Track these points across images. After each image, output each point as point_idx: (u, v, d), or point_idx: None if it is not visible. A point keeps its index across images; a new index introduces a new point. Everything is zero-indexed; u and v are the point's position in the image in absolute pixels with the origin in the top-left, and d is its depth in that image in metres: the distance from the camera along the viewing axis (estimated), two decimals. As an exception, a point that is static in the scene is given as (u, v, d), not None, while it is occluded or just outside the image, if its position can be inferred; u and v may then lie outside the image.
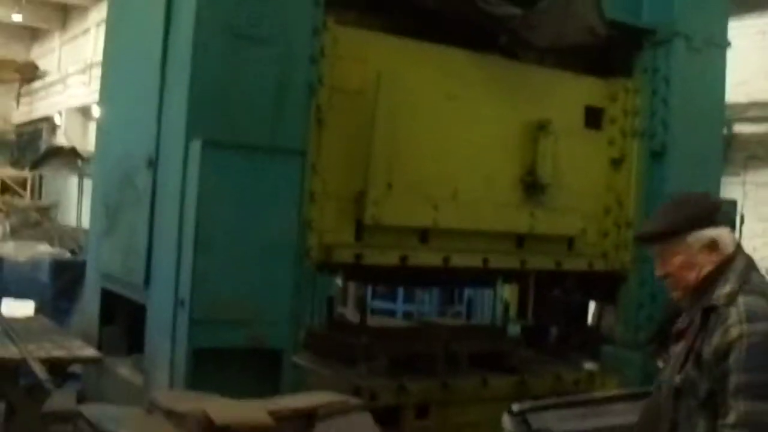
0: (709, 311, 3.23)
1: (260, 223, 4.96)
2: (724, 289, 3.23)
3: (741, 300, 3.17)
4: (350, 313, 8.27)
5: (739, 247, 3.37)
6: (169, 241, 5.09)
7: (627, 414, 4.79)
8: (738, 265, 3.30)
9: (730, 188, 12.89)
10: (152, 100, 5.43)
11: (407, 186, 6.11)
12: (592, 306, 8.18)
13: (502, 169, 6.68)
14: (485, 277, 7.36)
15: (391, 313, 10.50)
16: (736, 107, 12.47)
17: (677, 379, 3.27)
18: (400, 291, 11.73)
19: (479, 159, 6.54)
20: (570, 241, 7.04)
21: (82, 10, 32.76)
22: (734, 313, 3.14)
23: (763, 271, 9.05)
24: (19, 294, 7.51)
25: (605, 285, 7.41)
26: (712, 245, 3.31)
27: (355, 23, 6.10)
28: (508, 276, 7.45)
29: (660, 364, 6.65)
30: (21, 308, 6.62)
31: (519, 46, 6.66)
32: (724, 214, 6.65)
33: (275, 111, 5.14)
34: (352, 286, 10.55)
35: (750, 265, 3.35)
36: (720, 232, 3.34)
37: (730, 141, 12.86)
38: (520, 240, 6.76)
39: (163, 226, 5.26)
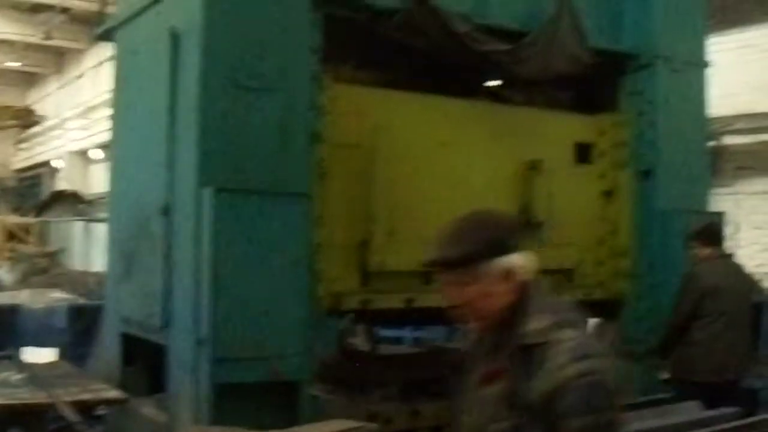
0: (525, 349, 2.82)
1: (272, 262, 5.24)
2: (535, 323, 2.86)
3: (561, 336, 2.80)
4: (361, 343, 8.49)
5: (535, 273, 3.01)
6: (186, 284, 5.35)
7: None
8: (539, 294, 2.97)
9: (723, 199, 13.20)
10: (162, 150, 5.69)
11: (408, 231, 6.29)
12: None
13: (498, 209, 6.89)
14: None
15: (400, 341, 10.67)
16: (724, 120, 12.78)
17: (499, 427, 2.85)
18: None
19: (476, 201, 6.61)
20: (568, 274, 7.27)
21: (78, 53, 33.03)
22: (558, 352, 2.76)
23: (759, 277, 9.34)
24: (37, 341, 7.72)
25: (606, 305, 7.57)
26: (511, 273, 2.95)
27: (351, 79, 6.36)
28: None
29: (664, 375, 6.98)
30: (44, 355, 6.85)
31: (507, 78, 6.95)
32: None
33: (280, 156, 5.42)
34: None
35: (549, 291, 3.03)
36: (519, 259, 2.98)
37: (720, 153, 13.16)
38: None
39: (179, 270, 5.50)
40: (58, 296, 11.62)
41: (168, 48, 5.63)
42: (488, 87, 7.31)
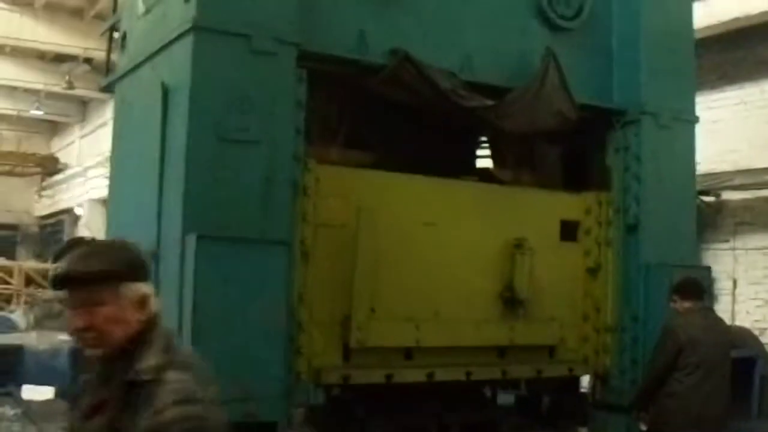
0: (136, 385, 2.73)
1: (252, 307, 5.46)
2: (151, 359, 2.77)
3: (172, 376, 2.73)
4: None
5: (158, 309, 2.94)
6: (170, 326, 5.56)
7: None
8: (162, 331, 2.89)
9: (721, 254, 13.37)
10: (153, 199, 5.96)
11: (390, 309, 6.51)
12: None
13: (481, 287, 7.06)
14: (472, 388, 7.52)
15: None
16: (723, 176, 12.98)
17: None
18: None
19: (459, 279, 6.93)
20: (551, 349, 7.42)
21: (100, 103, 33.58)
22: (165, 393, 2.68)
23: (756, 332, 9.50)
24: (39, 381, 7.98)
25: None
26: (143, 301, 2.85)
27: (336, 160, 6.59)
28: (497, 385, 7.76)
29: (642, 426, 7.12)
30: (41, 392, 7.09)
31: (493, 130, 7.17)
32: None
33: (262, 206, 5.67)
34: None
35: (170, 331, 2.99)
36: (150, 289, 2.90)
37: (720, 208, 13.35)
38: (502, 351, 7.12)
39: (166, 312, 5.70)
40: (63, 338, 11.85)
41: (159, 101, 5.92)
42: (475, 167, 7.57)
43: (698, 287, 7.14)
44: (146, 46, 6.46)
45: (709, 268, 8.22)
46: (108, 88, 7.70)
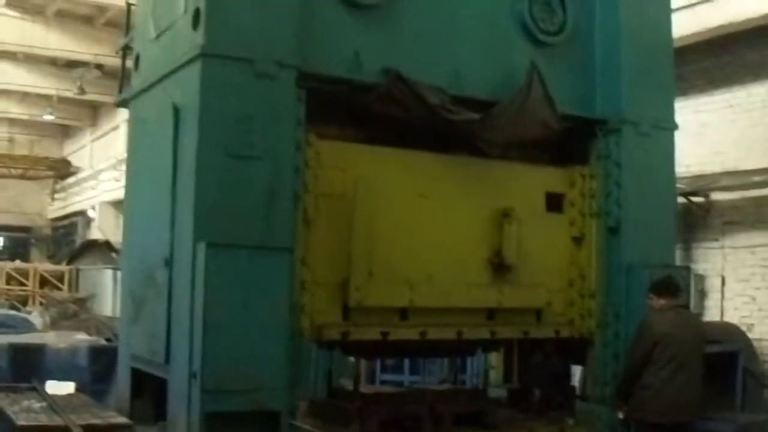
0: None
1: (257, 308, 6.02)
2: None
3: None
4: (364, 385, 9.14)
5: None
6: (183, 326, 6.13)
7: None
8: None
9: (711, 252, 13.83)
10: (166, 209, 6.52)
11: (386, 272, 7.06)
12: (576, 369, 9.04)
13: (471, 253, 7.59)
14: (462, 348, 8.22)
15: (399, 385, 11.34)
16: (712, 177, 13.44)
17: None
18: (407, 365, 12.69)
19: (450, 246, 7.47)
20: (538, 313, 7.91)
21: (111, 107, 33.93)
22: None
23: (744, 328, 9.99)
24: (60, 377, 8.53)
25: (578, 349, 8.25)
26: None
27: (335, 136, 7.12)
28: (486, 345, 8.29)
29: (620, 415, 7.63)
30: (63, 387, 7.66)
31: (480, 145, 7.67)
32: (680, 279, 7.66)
33: (266, 215, 6.23)
34: (363, 363, 11.52)
35: None
36: None
37: (709, 208, 13.79)
38: (491, 313, 7.64)
39: (178, 314, 6.29)
40: (81, 338, 12.46)
41: (171, 120, 6.49)
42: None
43: (672, 286, 7.60)
44: (158, 68, 7.02)
45: (688, 268, 8.68)
46: (122, 104, 8.21)
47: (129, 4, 8.68)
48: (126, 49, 8.47)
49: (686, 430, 7.59)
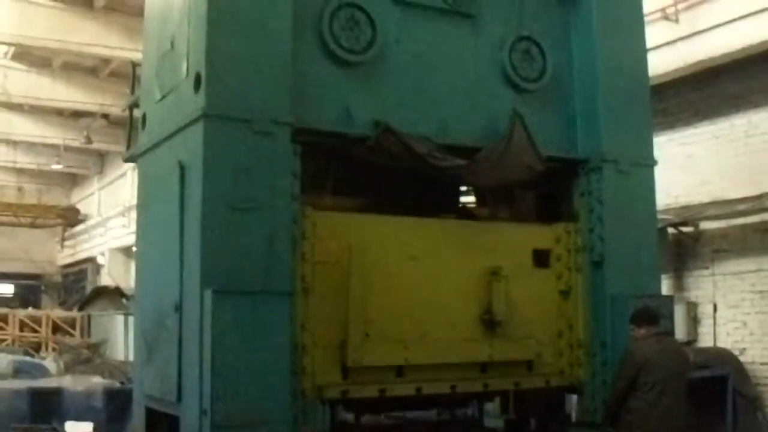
0: None
1: (261, 348, 6.48)
2: None
3: None
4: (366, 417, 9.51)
5: None
6: (193, 367, 6.59)
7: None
8: None
9: (702, 280, 14.27)
10: (175, 258, 6.99)
11: (382, 333, 7.48)
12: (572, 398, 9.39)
13: (463, 311, 7.95)
14: (457, 400, 8.46)
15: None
16: (700, 207, 13.91)
17: None
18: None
19: (442, 305, 7.84)
20: (529, 364, 8.25)
21: (118, 155, 34.38)
22: None
23: (737, 352, 10.41)
24: (77, 419, 9.02)
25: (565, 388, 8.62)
26: None
27: (329, 207, 7.56)
28: (479, 397, 8.60)
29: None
30: (82, 428, 8.13)
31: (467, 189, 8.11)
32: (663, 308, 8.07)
33: (267, 262, 6.71)
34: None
35: None
36: None
37: (698, 237, 14.26)
38: (483, 367, 8.00)
39: (188, 355, 6.75)
40: (96, 381, 12.95)
41: (177, 176, 6.99)
42: (455, 205, 8.47)
43: (651, 315, 8.04)
44: (164, 127, 7.53)
45: (671, 297, 9.06)
46: (130, 159, 8.73)
47: (134, 65, 9.23)
48: (132, 108, 8.98)
49: (671, 452, 8.02)
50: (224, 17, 6.89)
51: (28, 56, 28.77)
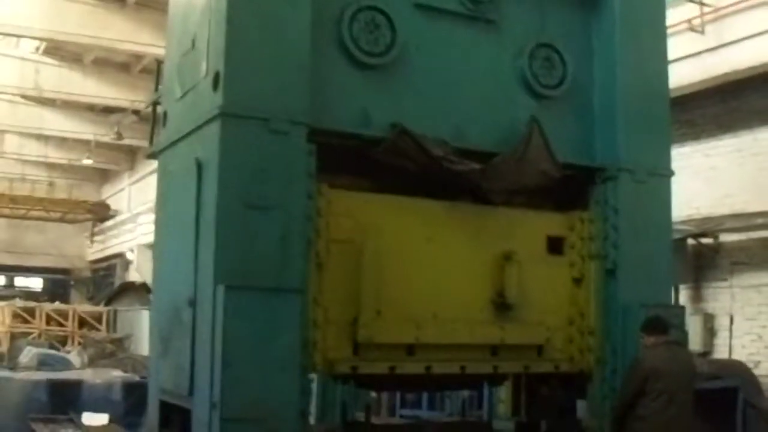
0: None
1: (271, 344, 6.60)
2: None
3: None
4: (383, 418, 9.68)
5: None
6: (205, 361, 6.72)
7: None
8: None
9: (720, 292, 14.27)
10: (190, 254, 7.12)
11: (393, 311, 7.57)
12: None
13: (475, 293, 8.05)
14: (467, 381, 8.69)
15: (417, 419, 11.80)
16: (720, 219, 13.91)
17: None
18: (425, 400, 13.17)
19: (455, 286, 7.95)
20: (539, 348, 8.33)
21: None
22: None
23: (751, 365, 10.45)
24: (96, 409, 9.18)
25: (581, 384, 8.64)
26: None
27: (347, 186, 7.64)
28: (489, 379, 8.75)
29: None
30: (98, 419, 8.28)
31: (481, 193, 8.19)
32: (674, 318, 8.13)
33: (280, 260, 6.82)
34: (384, 397, 12.07)
35: None
36: None
37: (718, 249, 14.27)
38: (494, 349, 8.09)
39: (201, 350, 6.88)
40: (116, 374, 13.13)
41: (194, 173, 7.11)
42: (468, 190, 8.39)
43: (661, 324, 8.08)
44: (183, 125, 7.67)
45: (683, 307, 9.10)
46: (152, 156, 8.87)
47: (159, 63, 9.38)
48: (156, 104, 9.13)
49: (678, 459, 8.06)
50: (244, 17, 7.02)
51: (60, 51, 29.15)
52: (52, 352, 20.15)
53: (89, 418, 8.32)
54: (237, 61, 6.94)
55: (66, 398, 10.86)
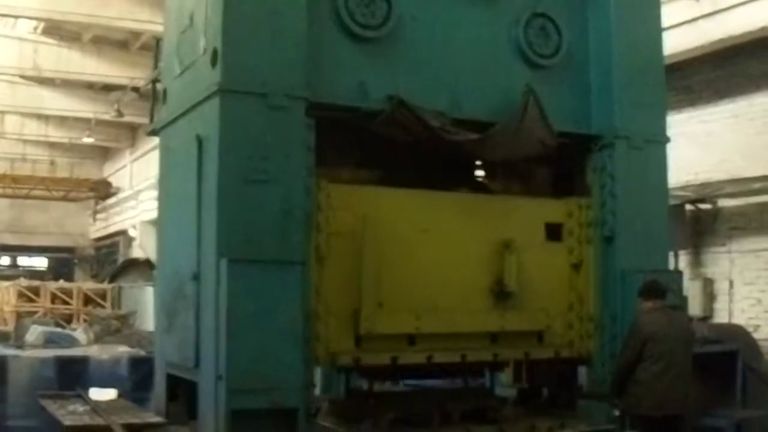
0: None
1: (274, 316, 6.73)
2: None
3: None
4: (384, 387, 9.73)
5: None
6: (210, 334, 6.85)
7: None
8: None
9: (719, 257, 14.39)
10: (193, 229, 7.24)
11: (394, 302, 7.68)
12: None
13: (474, 282, 8.15)
14: (468, 369, 8.61)
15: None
16: (718, 184, 14.00)
17: None
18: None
19: (454, 276, 8.05)
20: (539, 335, 8.45)
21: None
22: None
23: (751, 329, 10.57)
24: (102, 385, 9.30)
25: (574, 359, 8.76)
26: None
27: (345, 180, 7.73)
28: (490, 366, 8.78)
29: (616, 411, 8.21)
30: (106, 394, 8.43)
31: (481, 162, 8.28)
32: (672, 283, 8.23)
33: (280, 233, 6.94)
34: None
35: None
36: None
37: (716, 215, 14.37)
38: (494, 337, 8.21)
39: (205, 323, 7.01)
40: (122, 350, 13.27)
41: (195, 150, 7.22)
42: (468, 178, 8.61)
43: (658, 289, 8.18)
44: (182, 102, 7.76)
45: (680, 272, 9.18)
46: (153, 133, 8.97)
47: (158, 41, 9.46)
48: (155, 82, 9.21)
49: (676, 423, 8.19)
50: (240, -6, 7.08)
51: (58, 31, 29.13)
52: (58, 330, 20.23)
53: (97, 393, 8.45)
54: (234, 37, 7.02)
55: (73, 374, 11.01)
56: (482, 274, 8.19)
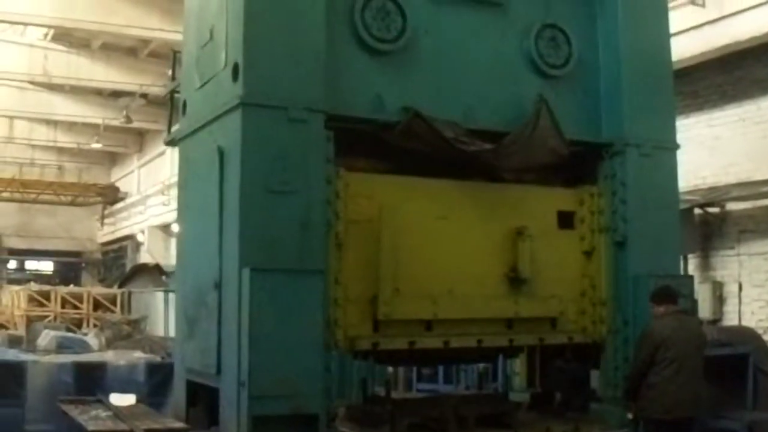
0: None
1: (295, 324, 6.89)
2: None
3: None
4: (399, 393, 9.93)
5: None
6: (232, 341, 7.01)
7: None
8: None
9: (728, 260, 14.50)
10: (215, 239, 7.39)
11: (411, 288, 7.87)
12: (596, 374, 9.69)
13: (489, 269, 8.35)
14: (484, 354, 8.95)
15: (434, 392, 12.07)
16: (726, 188, 14.12)
17: None
18: (441, 374, 13.49)
19: (470, 263, 8.25)
20: (552, 321, 8.63)
21: (157, 134, 34.94)
22: None
23: (761, 331, 10.67)
24: (120, 390, 9.47)
25: (594, 355, 8.91)
26: None
27: (363, 169, 7.93)
28: (505, 352, 9.02)
29: (629, 415, 8.34)
30: (126, 399, 8.60)
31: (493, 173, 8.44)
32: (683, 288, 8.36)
33: (301, 242, 7.11)
34: (400, 372, 12.33)
35: None
36: None
37: (725, 218, 14.49)
38: (509, 323, 8.38)
39: (227, 330, 7.17)
40: (138, 355, 13.43)
41: (217, 161, 7.38)
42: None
43: (670, 294, 8.31)
44: (203, 113, 7.93)
45: (691, 277, 9.29)
46: (171, 143, 9.14)
47: (175, 53, 9.63)
48: (173, 93, 9.37)
49: (689, 426, 8.32)
50: (261, 9, 7.28)
51: (68, 38, 29.25)
52: (70, 334, 20.42)
53: (117, 399, 8.61)
54: (255, 52, 7.20)
55: (91, 380, 11.17)
56: (497, 261, 8.38)
